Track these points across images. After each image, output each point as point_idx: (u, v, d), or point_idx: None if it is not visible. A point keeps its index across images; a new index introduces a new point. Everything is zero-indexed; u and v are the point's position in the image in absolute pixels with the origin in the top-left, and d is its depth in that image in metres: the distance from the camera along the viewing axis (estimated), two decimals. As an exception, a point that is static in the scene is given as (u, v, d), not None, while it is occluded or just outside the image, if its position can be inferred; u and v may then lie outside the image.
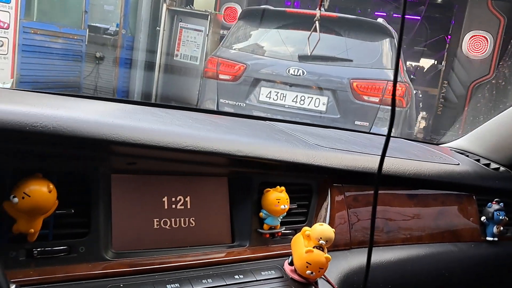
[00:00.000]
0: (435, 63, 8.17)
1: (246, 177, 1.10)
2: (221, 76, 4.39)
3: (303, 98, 4.21)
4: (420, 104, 8.02)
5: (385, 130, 4.14)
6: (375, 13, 8.67)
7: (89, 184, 0.90)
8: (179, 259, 0.96)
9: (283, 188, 1.09)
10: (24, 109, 0.80)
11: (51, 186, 0.80)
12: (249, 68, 4.33)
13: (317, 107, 4.19)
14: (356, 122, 4.11)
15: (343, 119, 4.13)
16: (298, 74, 4.16)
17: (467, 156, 1.63)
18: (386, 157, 0.76)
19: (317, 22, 1.13)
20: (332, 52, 4.25)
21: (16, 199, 0.78)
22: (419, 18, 8.01)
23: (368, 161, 1.21)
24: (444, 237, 1.38)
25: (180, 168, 1.03)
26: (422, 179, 1.30)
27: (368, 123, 4.10)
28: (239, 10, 6.88)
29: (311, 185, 1.19)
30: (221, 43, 4.84)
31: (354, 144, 1.39)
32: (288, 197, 1.08)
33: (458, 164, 1.45)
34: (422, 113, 8.25)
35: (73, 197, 0.89)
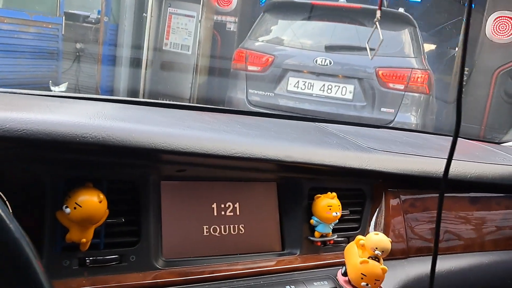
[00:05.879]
0: (435, 48, 8.34)
1: (296, 182, 1.19)
2: (249, 68, 5.04)
3: (330, 86, 4.83)
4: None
5: (409, 116, 4.67)
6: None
7: (139, 192, 0.99)
8: (229, 267, 1.05)
9: (334, 194, 1.17)
10: (72, 119, 0.90)
11: (102, 196, 0.90)
12: (277, 59, 4.97)
13: (344, 95, 4.82)
14: (382, 109, 4.77)
15: (370, 106, 4.80)
16: (325, 63, 4.77)
17: None
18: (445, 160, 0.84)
19: (377, 22, 1.24)
20: (357, 42, 4.77)
21: (68, 209, 0.88)
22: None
23: (425, 164, 1.29)
24: (509, 244, 1.45)
25: (229, 174, 1.12)
26: (485, 182, 1.37)
27: (393, 110, 4.74)
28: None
29: (364, 190, 1.27)
30: (248, 35, 5.45)
31: (410, 145, 1.47)
32: (340, 204, 1.16)
33: None
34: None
35: (124, 205, 0.98)
